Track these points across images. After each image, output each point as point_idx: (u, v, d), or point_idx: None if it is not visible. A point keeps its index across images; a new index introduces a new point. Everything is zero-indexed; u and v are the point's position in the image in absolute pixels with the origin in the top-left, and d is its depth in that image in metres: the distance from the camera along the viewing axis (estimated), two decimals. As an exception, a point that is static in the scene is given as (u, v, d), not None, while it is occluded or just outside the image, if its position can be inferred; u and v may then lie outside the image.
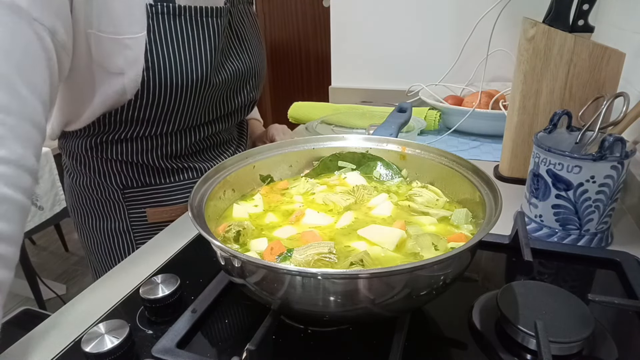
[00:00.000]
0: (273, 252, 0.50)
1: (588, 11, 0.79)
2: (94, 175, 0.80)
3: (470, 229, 0.55)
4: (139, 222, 0.82)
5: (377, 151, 0.70)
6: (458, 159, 0.61)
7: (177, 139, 0.79)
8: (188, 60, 0.70)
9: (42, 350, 0.50)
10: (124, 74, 0.67)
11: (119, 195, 0.80)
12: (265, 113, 3.16)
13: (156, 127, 0.75)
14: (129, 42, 0.65)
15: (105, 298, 0.58)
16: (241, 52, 0.83)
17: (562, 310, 0.48)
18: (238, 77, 0.82)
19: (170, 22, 0.68)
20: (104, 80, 0.68)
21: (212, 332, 0.51)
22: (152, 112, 0.72)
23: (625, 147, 0.60)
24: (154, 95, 0.69)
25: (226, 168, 0.62)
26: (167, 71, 0.68)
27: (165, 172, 0.81)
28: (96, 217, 0.84)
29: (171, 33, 0.68)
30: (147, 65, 0.67)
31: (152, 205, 0.82)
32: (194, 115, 0.77)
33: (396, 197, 0.63)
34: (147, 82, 0.68)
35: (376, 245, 0.52)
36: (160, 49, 0.67)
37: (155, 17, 0.66)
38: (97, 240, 0.85)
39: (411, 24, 1.46)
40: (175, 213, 0.83)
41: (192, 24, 0.70)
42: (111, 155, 0.77)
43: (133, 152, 0.77)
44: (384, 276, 0.40)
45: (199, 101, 0.75)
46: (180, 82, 0.70)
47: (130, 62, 0.66)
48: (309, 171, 0.71)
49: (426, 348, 0.48)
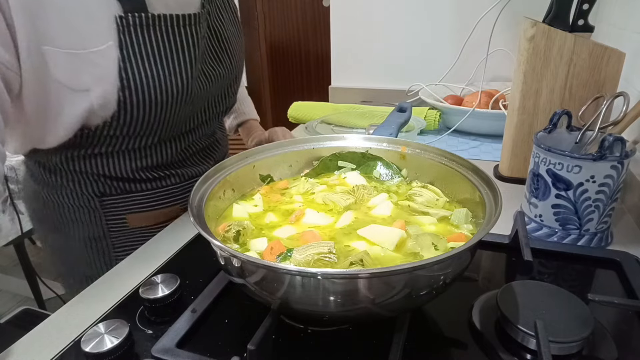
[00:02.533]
0: (273, 252, 0.50)
1: (588, 11, 0.78)
2: (67, 183, 0.74)
3: (470, 229, 0.55)
4: (118, 227, 0.78)
5: (377, 151, 0.70)
6: (458, 159, 0.61)
7: (157, 150, 0.75)
8: (167, 74, 0.65)
9: (42, 350, 0.50)
10: (90, 90, 0.62)
11: (95, 202, 0.75)
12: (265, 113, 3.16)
13: (136, 141, 0.71)
14: (94, 57, 0.60)
15: (105, 298, 0.58)
16: (222, 55, 0.78)
17: (562, 310, 0.48)
18: (220, 83, 0.77)
19: (144, 34, 0.63)
20: (68, 99, 0.62)
21: (212, 332, 0.51)
22: (130, 129, 0.68)
23: (625, 147, 0.60)
24: (132, 114, 0.65)
25: (226, 168, 0.62)
26: (144, 88, 0.64)
27: (146, 181, 0.77)
28: (71, 225, 0.78)
29: (146, 46, 0.63)
30: (123, 84, 0.62)
31: (133, 212, 0.77)
32: (173, 126, 0.73)
33: (396, 197, 0.63)
34: (124, 101, 0.63)
35: (376, 245, 0.52)
36: (135, 65, 0.62)
37: (127, 29, 0.61)
38: (70, 249, 0.79)
39: (411, 23, 1.46)
40: (158, 218, 0.79)
41: (169, 34, 0.65)
42: (87, 168, 0.72)
43: (110, 165, 0.72)
44: (384, 276, 0.40)
45: (179, 112, 0.71)
46: (159, 97, 0.65)
47: (97, 78, 0.61)
48: (309, 171, 0.71)
49: (426, 348, 0.48)
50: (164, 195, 0.79)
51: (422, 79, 1.38)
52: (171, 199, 0.80)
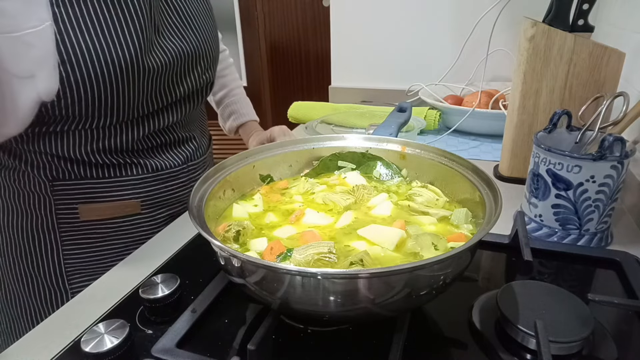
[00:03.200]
0: (273, 252, 0.50)
1: (588, 11, 0.78)
2: (18, 163, 0.70)
3: (470, 229, 0.55)
4: (68, 219, 0.72)
5: (377, 151, 0.70)
6: (458, 159, 0.61)
7: (117, 132, 0.70)
8: (110, 45, 0.62)
9: (41, 350, 0.50)
10: (35, 76, 0.59)
11: (46, 187, 0.70)
12: (265, 113, 3.16)
13: (89, 121, 0.66)
14: (30, 39, 0.57)
15: (105, 298, 0.58)
16: (184, 30, 0.73)
17: (562, 310, 0.48)
18: (182, 59, 0.72)
19: (80, 3, 0.60)
20: (17, 88, 0.60)
21: (212, 332, 0.51)
22: (79, 108, 0.63)
23: (625, 147, 0.60)
24: (77, 91, 0.62)
25: (226, 168, 0.62)
26: (87, 62, 0.60)
27: (103, 167, 0.72)
28: (17, 213, 0.73)
29: (83, 17, 0.60)
30: (62, 58, 0.59)
31: (86, 201, 0.72)
32: (133, 106, 0.68)
33: (396, 197, 0.63)
34: (66, 77, 0.60)
35: (376, 245, 0.52)
36: (75, 37, 0.59)
37: (60, 2, 0.58)
38: (14, 240, 0.74)
39: (411, 23, 1.46)
40: (113, 212, 0.73)
41: (107, 1, 0.62)
42: (41, 147, 0.68)
43: (65, 145, 0.68)
44: (384, 276, 0.40)
45: (135, 89, 0.66)
46: (105, 71, 0.62)
47: (37, 61, 0.59)
48: (309, 171, 0.71)
49: (426, 348, 0.48)
50: (121, 185, 0.74)
51: (422, 79, 1.38)
52: (129, 192, 0.74)
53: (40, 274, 0.75)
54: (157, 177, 0.76)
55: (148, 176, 0.76)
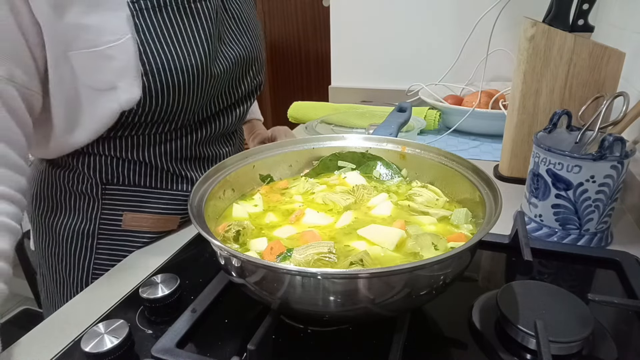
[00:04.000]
0: (273, 252, 0.50)
1: (588, 11, 0.79)
2: (75, 163, 0.71)
3: (470, 229, 0.55)
4: (110, 226, 0.73)
5: (377, 151, 0.70)
6: (458, 159, 0.61)
7: (177, 136, 0.72)
8: (185, 54, 0.64)
9: (42, 350, 0.50)
10: (116, 88, 0.62)
11: (97, 190, 0.72)
12: (265, 113, 3.16)
13: (156, 127, 0.69)
14: (112, 52, 0.60)
15: (105, 298, 0.58)
16: (240, 36, 0.76)
17: (562, 310, 0.48)
18: (240, 63, 0.76)
19: (157, 15, 0.62)
20: (96, 101, 0.63)
21: (212, 331, 0.51)
22: (155, 116, 0.66)
23: (625, 147, 0.60)
24: (156, 100, 0.64)
25: (226, 168, 0.62)
26: (166, 71, 0.63)
27: (157, 175, 0.73)
28: (62, 212, 0.74)
29: (161, 27, 0.62)
30: (145, 69, 0.61)
31: (132, 209, 0.73)
32: (195, 110, 0.71)
33: (396, 197, 0.63)
34: (148, 87, 0.62)
35: (376, 245, 0.52)
36: (155, 47, 0.62)
37: (140, 13, 0.61)
38: (53, 240, 0.76)
39: (411, 23, 1.46)
40: (154, 224, 0.74)
41: (181, 12, 0.64)
42: (99, 150, 0.70)
43: (124, 148, 0.70)
44: (384, 276, 0.40)
45: (199, 95, 0.69)
46: (181, 80, 0.64)
47: (119, 73, 0.61)
48: (309, 171, 0.71)
49: (426, 348, 0.48)
50: (168, 198, 0.74)
51: (422, 79, 1.38)
52: (174, 206, 0.75)
53: (70, 278, 0.75)
54: None
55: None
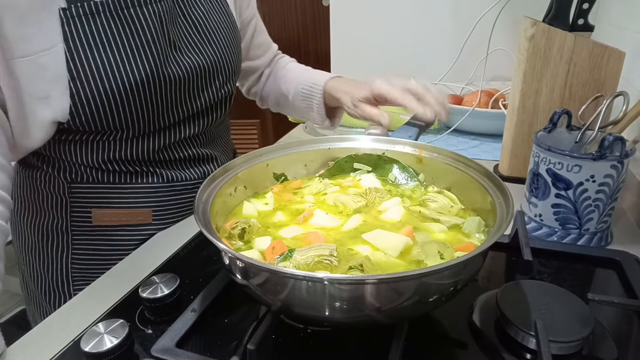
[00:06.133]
0: (274, 252, 0.50)
1: (588, 10, 0.78)
2: (41, 164, 0.72)
3: (481, 239, 0.54)
4: (81, 222, 0.74)
5: (393, 153, 0.67)
6: (474, 165, 0.59)
7: (136, 143, 0.71)
8: (120, 61, 0.62)
9: (41, 350, 0.50)
10: (49, 97, 0.61)
11: (64, 189, 0.72)
12: (265, 112, 3.16)
13: (107, 133, 0.68)
14: (43, 61, 0.59)
15: (105, 297, 0.58)
16: (202, 44, 0.73)
17: (562, 310, 0.48)
18: (200, 73, 0.73)
19: (90, 22, 0.60)
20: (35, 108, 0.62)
21: (211, 331, 0.51)
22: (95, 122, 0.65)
23: (625, 147, 0.60)
24: (89, 106, 0.63)
25: (234, 167, 0.61)
26: (95, 78, 0.61)
27: (120, 174, 0.73)
28: (34, 212, 0.75)
29: (93, 35, 0.61)
30: (72, 75, 0.60)
31: (100, 206, 0.73)
32: (150, 119, 0.69)
33: (409, 202, 0.62)
34: (77, 94, 0.61)
35: (380, 250, 0.51)
36: (82, 54, 0.61)
37: (71, 21, 0.59)
38: (30, 238, 0.77)
39: (411, 23, 1.46)
40: (125, 219, 0.74)
41: (118, 19, 0.62)
42: (60, 153, 0.70)
43: (83, 153, 0.70)
44: (386, 282, 0.40)
45: (151, 103, 0.67)
46: (112, 86, 0.63)
47: (51, 81, 0.60)
48: (324, 171, 0.70)
49: (426, 348, 0.48)
50: (135, 193, 0.74)
51: (422, 78, 1.38)
52: (143, 200, 0.74)
53: (48, 274, 0.76)
54: (172, 188, 0.76)
55: (163, 186, 0.75)
